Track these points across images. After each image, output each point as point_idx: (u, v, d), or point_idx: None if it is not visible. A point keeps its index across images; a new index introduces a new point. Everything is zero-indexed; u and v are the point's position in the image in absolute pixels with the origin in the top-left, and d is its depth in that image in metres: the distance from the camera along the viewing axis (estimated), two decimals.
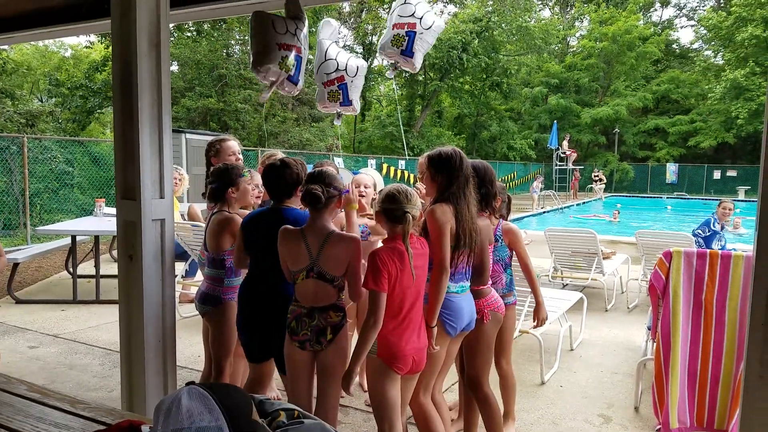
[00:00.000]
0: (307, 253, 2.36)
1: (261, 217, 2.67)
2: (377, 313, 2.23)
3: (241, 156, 3.64)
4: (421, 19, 3.80)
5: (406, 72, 4.34)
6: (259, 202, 3.33)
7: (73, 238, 6.41)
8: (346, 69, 3.94)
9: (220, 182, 2.91)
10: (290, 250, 2.40)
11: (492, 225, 2.84)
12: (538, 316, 3.15)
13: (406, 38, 3.88)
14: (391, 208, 2.30)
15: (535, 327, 3.20)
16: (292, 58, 3.37)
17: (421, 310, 2.43)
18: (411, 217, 2.28)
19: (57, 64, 28.59)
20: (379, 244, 2.47)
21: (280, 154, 3.85)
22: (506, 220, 3.06)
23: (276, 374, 2.84)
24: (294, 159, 2.73)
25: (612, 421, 3.42)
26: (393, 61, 4.01)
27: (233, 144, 3.56)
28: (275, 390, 3.47)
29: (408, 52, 3.99)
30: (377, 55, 4.50)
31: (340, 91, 3.86)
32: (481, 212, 2.71)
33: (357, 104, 3.92)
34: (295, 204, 2.65)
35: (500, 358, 3.12)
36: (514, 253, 3.11)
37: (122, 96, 2.83)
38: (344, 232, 2.45)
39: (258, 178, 3.22)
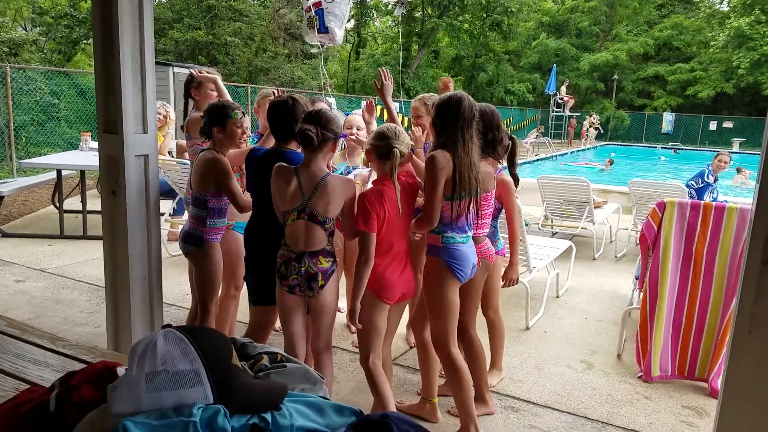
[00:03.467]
0: (299, 193, 2.33)
1: (263, 158, 2.57)
2: (368, 252, 2.31)
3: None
4: None
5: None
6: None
7: (59, 172, 6.28)
8: None
9: (207, 118, 2.79)
10: (283, 188, 2.35)
11: (493, 172, 2.75)
12: (508, 275, 3.04)
13: None
14: (379, 145, 2.35)
15: (503, 286, 3.09)
16: (313, 12, 3.57)
17: (408, 244, 2.50)
18: (398, 152, 2.32)
19: None
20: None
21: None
22: (513, 166, 2.94)
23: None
24: (301, 97, 2.61)
25: (594, 368, 3.48)
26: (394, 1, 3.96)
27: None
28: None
29: None
30: None
31: (317, 17, 3.84)
32: (486, 158, 2.65)
33: (337, 35, 3.87)
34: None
35: (486, 307, 3.11)
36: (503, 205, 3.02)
37: (102, 24, 2.69)
38: (339, 175, 2.44)
39: (247, 122, 3.09)
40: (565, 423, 2.86)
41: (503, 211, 3.00)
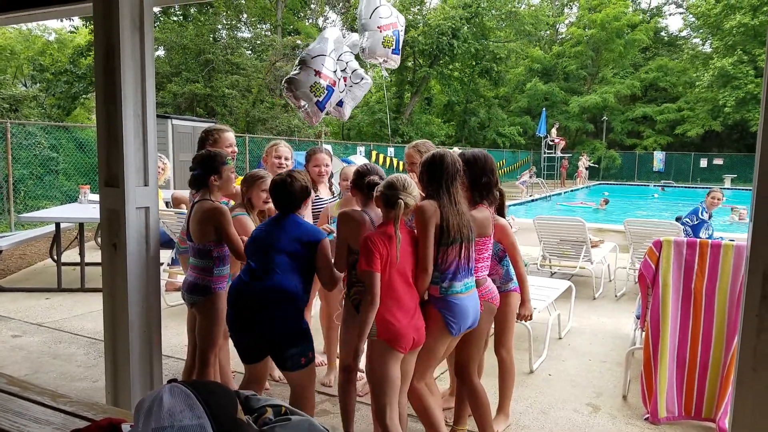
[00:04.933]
0: None
1: (268, 223, 2.69)
2: (373, 291, 2.34)
3: (236, 148, 3.62)
4: (398, 17, 4.03)
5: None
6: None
7: (57, 225, 6.31)
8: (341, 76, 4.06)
9: (201, 169, 2.84)
10: (359, 231, 2.52)
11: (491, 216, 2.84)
12: (522, 312, 3.10)
13: (393, 38, 4.03)
14: (387, 194, 2.45)
15: (519, 320, 3.14)
16: (323, 85, 3.73)
17: (415, 293, 2.50)
18: (403, 203, 2.41)
19: (41, 49, 27.96)
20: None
21: (283, 143, 3.83)
22: (502, 214, 3.02)
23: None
24: (298, 171, 2.74)
25: (600, 411, 3.43)
26: (380, 61, 4.09)
27: (231, 135, 3.57)
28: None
29: (396, 51, 4.12)
30: (360, 55, 4.52)
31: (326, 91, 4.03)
32: (480, 203, 2.74)
33: (346, 111, 4.07)
34: (302, 214, 2.71)
35: (499, 346, 3.10)
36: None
37: (105, 80, 2.75)
38: None
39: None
40: None
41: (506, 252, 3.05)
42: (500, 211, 2.97)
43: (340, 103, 4.06)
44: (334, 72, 3.94)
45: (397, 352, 2.40)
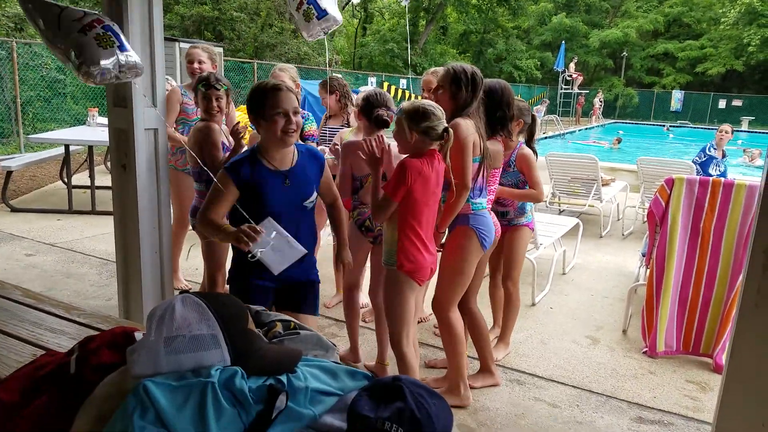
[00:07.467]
0: None
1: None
2: (383, 217, 2.34)
3: (202, 64, 3.64)
4: None
5: None
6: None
7: (67, 147, 6.30)
8: None
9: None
10: (360, 161, 2.57)
11: (509, 148, 2.91)
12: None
13: None
14: (430, 126, 2.25)
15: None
16: (306, 4, 3.47)
17: (433, 226, 2.48)
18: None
19: None
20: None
21: (293, 69, 3.72)
22: (532, 142, 2.99)
23: None
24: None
25: (599, 343, 3.51)
26: None
27: (194, 51, 3.60)
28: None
29: None
30: None
31: (311, 6, 3.64)
32: (494, 136, 2.65)
33: (336, 13, 3.61)
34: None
35: (506, 278, 3.17)
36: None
37: (110, 0, 2.67)
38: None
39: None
40: (570, 396, 2.90)
41: (528, 185, 3.06)
42: (530, 137, 2.94)
43: (324, 13, 3.65)
44: None
45: (416, 284, 2.41)
